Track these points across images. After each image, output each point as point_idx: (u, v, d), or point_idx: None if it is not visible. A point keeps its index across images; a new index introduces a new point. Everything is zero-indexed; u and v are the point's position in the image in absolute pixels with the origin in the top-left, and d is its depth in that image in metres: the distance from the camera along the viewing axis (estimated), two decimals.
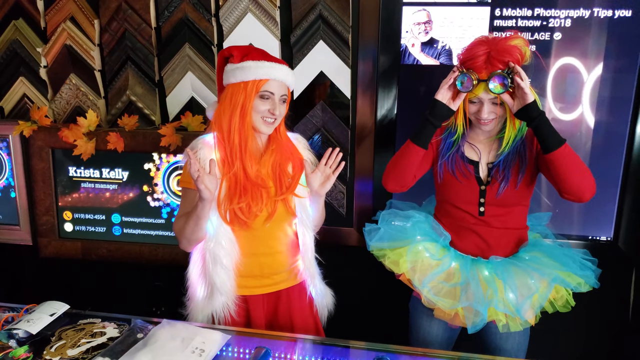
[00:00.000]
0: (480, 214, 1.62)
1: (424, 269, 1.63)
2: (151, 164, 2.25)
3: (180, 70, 2.29)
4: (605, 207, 2.09)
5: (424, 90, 2.14)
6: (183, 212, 1.56)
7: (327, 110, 2.20)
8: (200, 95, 2.30)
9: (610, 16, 1.95)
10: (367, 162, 2.22)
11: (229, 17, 2.20)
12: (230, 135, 1.52)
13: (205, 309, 1.58)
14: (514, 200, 1.59)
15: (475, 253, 1.64)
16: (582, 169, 1.46)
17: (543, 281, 1.54)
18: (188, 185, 1.55)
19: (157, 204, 2.27)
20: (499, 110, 1.52)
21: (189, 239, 1.54)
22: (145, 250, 2.31)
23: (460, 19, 2.04)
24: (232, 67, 1.53)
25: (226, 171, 1.53)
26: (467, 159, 1.64)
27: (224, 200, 1.53)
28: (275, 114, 1.54)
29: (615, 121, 2.03)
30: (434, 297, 1.59)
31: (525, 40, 1.53)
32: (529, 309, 1.54)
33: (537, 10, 1.98)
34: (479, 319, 1.54)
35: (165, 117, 2.36)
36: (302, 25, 2.15)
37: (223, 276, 1.55)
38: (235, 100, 1.52)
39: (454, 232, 1.68)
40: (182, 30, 2.25)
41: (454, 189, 1.66)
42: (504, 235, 1.63)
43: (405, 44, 2.10)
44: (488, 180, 1.61)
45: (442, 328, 1.72)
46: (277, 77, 1.53)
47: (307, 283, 1.71)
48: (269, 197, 1.58)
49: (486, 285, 1.55)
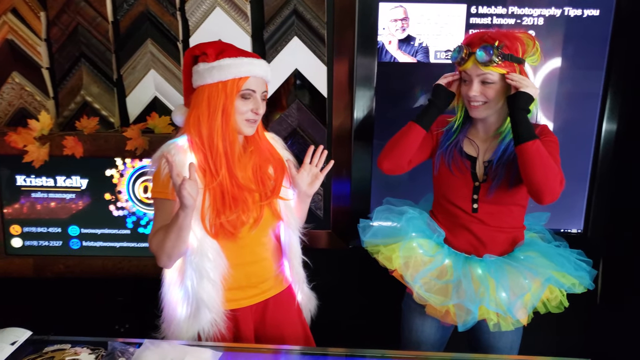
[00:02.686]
0: (473, 210, 1.61)
1: (417, 265, 1.62)
2: (114, 170, 2.07)
3: (141, 68, 2.13)
4: (575, 200, 2.17)
5: (402, 88, 2.12)
6: (160, 226, 1.41)
7: (302, 110, 2.13)
8: (164, 95, 2.15)
9: (580, 15, 2.01)
10: (345, 162, 2.17)
11: (196, 12, 2.07)
12: (212, 141, 1.41)
13: (191, 329, 1.47)
14: (508, 199, 1.59)
15: (469, 251, 1.64)
16: (547, 171, 1.45)
17: (536, 281, 1.55)
18: (162, 195, 1.41)
19: (121, 213, 2.10)
20: (488, 92, 1.51)
21: (170, 254, 1.39)
22: (109, 263, 2.12)
23: (437, 16, 2.03)
24: (205, 66, 1.40)
25: (209, 180, 1.42)
26: (465, 154, 1.63)
27: (209, 213, 1.41)
28: (259, 113, 1.45)
29: (584, 117, 2.11)
30: (425, 293, 1.58)
31: (533, 39, 1.53)
32: (521, 309, 1.55)
33: (512, 8, 2.01)
34: (470, 317, 1.54)
35: (125, 118, 2.18)
36: (275, 21, 2.06)
37: (210, 291, 1.43)
38: (214, 102, 1.40)
39: (449, 229, 1.67)
40: (143, 24, 2.09)
41: (448, 183, 1.65)
42: (499, 234, 1.63)
43: (382, 41, 2.07)
44: (484, 177, 1.60)
45: (434, 326, 1.71)
46: (257, 74, 1.44)
47: (294, 288, 1.65)
48: (254, 202, 1.49)
49: (478, 283, 1.55)
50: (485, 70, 1.48)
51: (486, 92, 1.51)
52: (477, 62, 1.48)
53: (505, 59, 1.47)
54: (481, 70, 1.49)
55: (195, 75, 1.44)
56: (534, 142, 1.45)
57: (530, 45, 1.51)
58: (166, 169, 1.36)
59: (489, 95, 1.52)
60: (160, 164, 1.40)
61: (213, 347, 1.43)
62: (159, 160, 1.42)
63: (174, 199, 1.37)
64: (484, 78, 1.50)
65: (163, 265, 1.45)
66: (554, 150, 1.55)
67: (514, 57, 1.48)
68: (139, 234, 2.11)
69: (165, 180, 1.37)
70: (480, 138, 1.64)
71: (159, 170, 1.41)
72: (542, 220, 1.82)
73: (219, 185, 1.41)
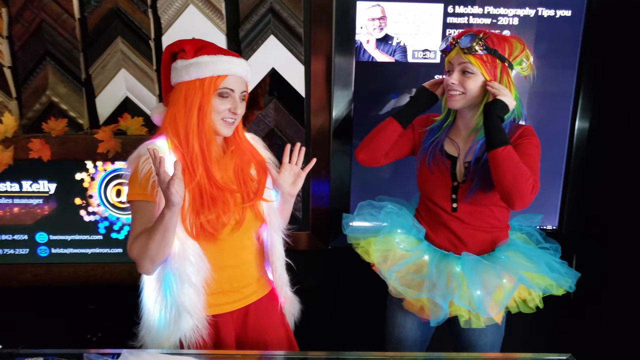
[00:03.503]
0: (453, 210, 1.62)
1: (395, 259, 1.63)
2: (84, 174, 1.99)
3: (112, 67, 2.04)
4: (550, 198, 2.21)
5: (380, 88, 2.11)
6: (140, 230, 1.35)
7: (280, 110, 2.09)
8: (136, 95, 2.08)
9: (553, 15, 2.04)
10: (323, 162, 2.15)
11: (168, 9, 2.00)
12: (188, 140, 1.36)
13: (172, 336, 1.41)
14: (487, 200, 1.59)
15: (448, 248, 1.65)
16: (517, 176, 1.44)
17: (511, 280, 1.56)
18: (141, 197, 1.35)
19: (92, 218, 2.02)
20: (468, 83, 1.51)
21: (153, 258, 1.33)
22: (81, 271, 2.04)
23: (415, 15, 2.03)
24: (184, 63, 1.36)
25: (188, 181, 1.37)
26: (445, 153, 1.63)
27: (189, 213, 1.37)
28: (237, 113, 1.41)
29: (557, 115, 2.14)
30: (399, 287, 1.60)
31: (524, 45, 1.55)
32: (491, 306, 1.56)
33: (488, 8, 2.02)
34: (441, 312, 1.55)
35: (95, 120, 2.10)
36: (251, 19, 2.01)
37: (192, 296, 1.39)
38: (190, 100, 1.35)
39: (430, 226, 1.68)
40: (112, 22, 2.01)
41: (428, 182, 1.66)
42: (478, 232, 1.63)
43: (360, 40, 2.05)
44: (464, 178, 1.60)
45: (416, 323, 1.72)
46: (236, 73, 1.39)
47: (278, 291, 1.61)
48: (236, 204, 1.44)
49: (451, 279, 1.56)
50: (466, 58, 1.49)
51: (465, 82, 1.52)
52: (460, 48, 1.50)
53: (489, 52, 1.48)
54: (463, 59, 1.50)
55: (173, 73, 1.39)
56: (505, 148, 1.45)
57: (519, 49, 1.52)
58: (144, 170, 1.31)
59: (468, 86, 1.52)
60: (138, 165, 1.35)
61: (195, 355, 1.39)
62: (135, 162, 1.37)
63: (153, 200, 1.33)
64: (464, 67, 1.51)
65: (145, 271, 1.39)
66: (534, 153, 1.54)
67: (497, 52, 1.49)
68: (111, 239, 2.03)
69: (144, 182, 1.32)
70: (461, 138, 1.64)
71: (136, 172, 1.35)
72: (534, 222, 1.82)
73: (197, 186, 1.37)
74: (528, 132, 1.58)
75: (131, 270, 2.04)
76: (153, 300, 1.44)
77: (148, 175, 1.32)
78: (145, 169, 1.32)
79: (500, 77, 1.51)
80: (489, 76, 1.51)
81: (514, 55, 1.52)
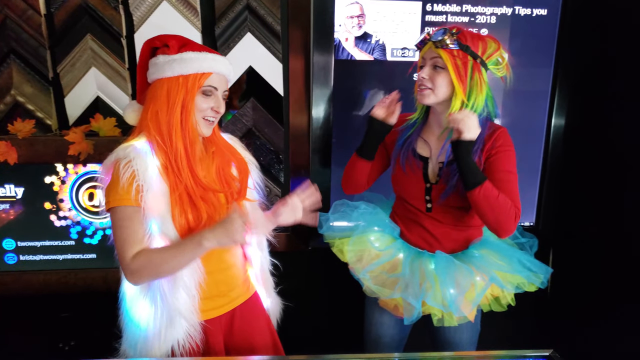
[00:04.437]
0: (427, 210, 1.61)
1: (369, 258, 1.62)
2: (54, 177, 1.90)
3: (81, 65, 1.96)
4: (528, 194, 2.23)
5: (359, 86, 2.09)
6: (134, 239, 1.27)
7: (258, 108, 2.05)
8: (108, 95, 2.00)
9: (529, 14, 2.06)
10: (303, 161, 2.12)
11: (140, 6, 1.93)
12: (172, 140, 1.30)
13: (164, 344, 1.36)
14: (462, 202, 1.57)
15: (423, 246, 1.64)
16: (498, 212, 1.45)
17: (484, 279, 1.57)
18: (125, 202, 1.26)
19: (64, 223, 1.94)
20: (437, 79, 1.48)
21: (161, 276, 1.30)
22: (52, 278, 1.96)
23: (393, 13, 2.01)
24: (166, 58, 1.30)
25: (173, 182, 1.31)
26: (417, 154, 1.61)
27: (179, 217, 1.31)
28: (219, 112, 1.37)
29: (534, 113, 2.17)
30: (373, 286, 1.59)
31: (499, 45, 1.51)
32: (464, 305, 1.56)
33: (466, 6, 2.03)
34: (414, 311, 1.55)
35: (64, 121, 2.01)
36: (227, 16, 1.96)
37: (186, 300, 1.34)
38: (174, 97, 1.30)
39: (405, 224, 1.67)
40: (81, 18, 1.93)
41: (402, 182, 1.64)
42: (453, 231, 1.63)
43: (339, 38, 2.02)
44: (437, 179, 1.58)
45: (393, 320, 1.71)
46: (220, 71, 1.35)
47: (262, 293, 1.59)
48: (221, 205, 1.41)
49: (424, 279, 1.55)
50: (437, 52, 1.47)
51: (435, 77, 1.49)
52: (432, 42, 1.48)
53: (460, 48, 1.46)
54: (434, 53, 1.48)
55: (153, 68, 1.33)
56: (481, 188, 1.44)
57: (493, 48, 1.50)
58: (126, 174, 1.24)
59: (437, 81, 1.49)
60: (118, 170, 1.27)
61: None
62: (113, 166, 1.29)
63: (138, 205, 1.26)
64: (435, 62, 1.49)
65: (138, 283, 1.32)
66: (511, 166, 1.53)
67: (469, 49, 1.46)
68: (84, 244, 1.96)
69: (127, 186, 1.25)
70: (434, 136, 1.61)
71: (117, 177, 1.27)
72: None
73: (185, 188, 1.32)
74: (503, 138, 1.54)
75: (106, 276, 1.97)
76: (140, 309, 1.38)
77: (131, 179, 1.25)
78: (128, 172, 1.25)
79: (472, 74, 1.48)
80: (456, 74, 1.47)
81: (488, 53, 1.49)
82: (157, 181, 1.28)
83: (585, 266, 2.17)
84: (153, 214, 1.27)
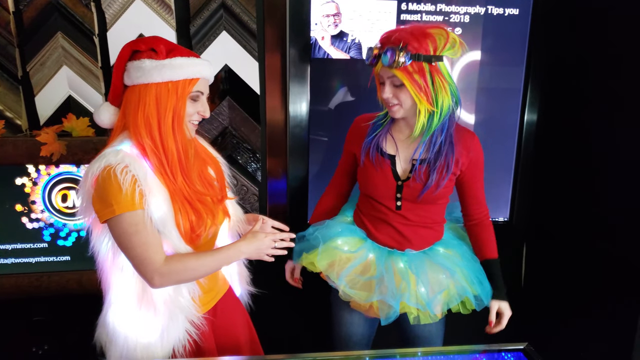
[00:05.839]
0: (397, 207, 1.61)
1: (342, 263, 1.61)
2: (25, 178, 1.86)
3: (52, 64, 1.92)
4: (502, 190, 2.27)
5: (336, 84, 2.09)
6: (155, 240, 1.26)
7: (234, 107, 2.04)
8: (80, 94, 1.96)
9: (502, 14, 2.09)
10: (280, 160, 2.12)
11: (113, 3, 1.90)
12: (167, 145, 1.29)
13: (166, 346, 1.36)
14: (433, 200, 1.60)
15: (392, 245, 1.64)
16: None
17: (453, 282, 1.60)
18: (132, 207, 1.23)
19: (36, 225, 1.89)
20: (401, 95, 1.47)
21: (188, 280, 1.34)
22: (24, 281, 1.91)
23: (369, 12, 2.02)
24: (153, 63, 1.27)
25: (175, 188, 1.31)
26: (384, 152, 1.60)
27: (183, 219, 1.31)
28: (205, 115, 1.36)
29: (507, 110, 2.21)
30: (350, 290, 1.58)
31: (447, 32, 1.46)
32: (439, 305, 1.59)
33: (440, 5, 2.05)
34: (392, 311, 1.56)
35: (35, 120, 1.97)
36: (202, 15, 1.94)
37: (188, 298, 1.37)
38: (164, 103, 1.27)
39: (372, 223, 1.67)
40: (51, 16, 1.88)
41: (371, 181, 1.62)
42: (421, 229, 1.64)
43: (315, 37, 2.02)
44: (408, 176, 1.58)
45: (362, 319, 1.73)
46: (206, 76, 1.35)
47: (237, 287, 1.62)
48: (214, 207, 1.42)
49: (399, 279, 1.57)
50: (392, 72, 1.44)
51: (398, 95, 1.47)
52: (383, 64, 1.45)
53: (413, 59, 1.42)
54: (389, 72, 1.45)
55: (138, 72, 1.28)
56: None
57: (443, 40, 1.44)
58: (128, 179, 1.21)
59: (401, 98, 1.47)
60: (116, 175, 1.22)
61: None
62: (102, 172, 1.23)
63: (142, 208, 1.24)
64: (392, 80, 1.46)
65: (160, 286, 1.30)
66: (481, 172, 1.62)
67: (421, 56, 1.42)
68: (58, 246, 1.92)
69: (131, 191, 1.22)
70: (402, 136, 1.60)
71: (115, 183, 1.22)
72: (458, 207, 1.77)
73: (181, 192, 1.32)
74: (477, 149, 1.59)
75: (80, 279, 1.94)
76: (135, 317, 1.36)
77: (133, 184, 1.22)
78: (129, 178, 1.22)
79: (432, 80, 1.45)
80: (416, 89, 1.44)
81: (439, 47, 1.45)
82: (156, 185, 1.27)
83: (558, 261, 2.22)
84: (156, 218, 1.26)
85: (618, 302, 1.87)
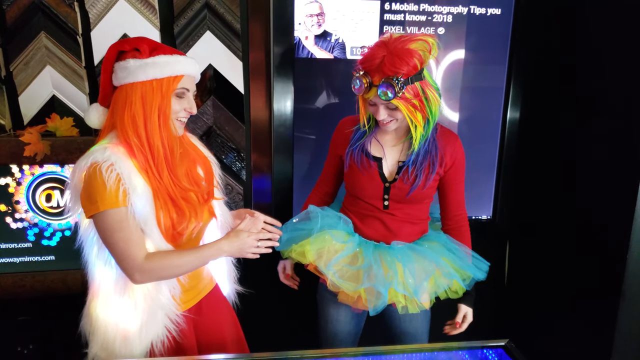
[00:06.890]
0: (384, 207, 1.64)
1: (330, 253, 1.63)
2: (9, 178, 1.86)
3: (35, 64, 1.92)
4: (485, 188, 2.30)
5: (320, 84, 2.10)
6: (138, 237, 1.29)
7: (218, 107, 2.05)
8: (63, 94, 1.97)
9: (484, 13, 2.11)
10: (265, 158, 2.13)
11: (97, 3, 1.90)
12: (154, 143, 1.31)
13: (144, 340, 1.38)
14: (420, 199, 1.63)
15: (379, 239, 1.67)
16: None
17: (439, 270, 1.62)
18: (115, 205, 1.25)
19: (20, 225, 1.90)
20: (396, 114, 1.50)
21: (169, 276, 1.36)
22: (8, 281, 1.91)
23: (352, 12, 2.03)
24: (137, 62, 1.29)
25: (157, 184, 1.32)
26: (370, 155, 1.62)
27: (163, 217, 1.33)
28: (192, 112, 1.38)
29: (489, 109, 2.23)
30: (338, 280, 1.60)
31: (427, 42, 1.47)
32: (425, 293, 1.61)
33: (423, 5, 2.06)
34: (380, 301, 1.58)
35: (18, 120, 1.97)
36: (186, 15, 1.95)
37: (168, 295, 1.38)
38: (150, 102, 1.29)
39: (359, 220, 1.69)
40: (35, 16, 1.89)
41: (358, 182, 1.64)
42: (407, 225, 1.67)
43: (299, 36, 2.03)
44: (395, 177, 1.61)
45: (349, 315, 1.75)
46: (191, 73, 1.36)
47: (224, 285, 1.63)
48: (199, 204, 1.43)
49: (387, 268, 1.59)
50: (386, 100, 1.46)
51: (394, 114, 1.50)
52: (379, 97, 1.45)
53: (407, 84, 1.44)
54: (383, 100, 1.46)
55: (123, 72, 1.30)
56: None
57: (425, 52, 1.46)
58: (112, 177, 1.24)
59: (398, 116, 1.50)
60: (101, 174, 1.25)
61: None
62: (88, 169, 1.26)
63: (126, 206, 1.26)
64: (387, 105, 1.48)
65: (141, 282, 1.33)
66: (463, 174, 1.65)
67: (414, 77, 1.44)
68: (42, 246, 1.92)
69: (115, 189, 1.24)
70: (389, 138, 1.63)
71: (100, 180, 1.24)
72: None
73: (165, 189, 1.33)
74: (460, 151, 1.63)
75: (65, 278, 1.94)
76: (115, 309, 1.38)
77: (117, 182, 1.24)
78: (113, 175, 1.24)
79: (425, 94, 1.48)
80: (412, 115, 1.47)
81: (425, 60, 1.47)
82: (140, 184, 1.29)
83: (540, 258, 2.25)
84: (138, 216, 1.28)
85: (599, 299, 1.90)
